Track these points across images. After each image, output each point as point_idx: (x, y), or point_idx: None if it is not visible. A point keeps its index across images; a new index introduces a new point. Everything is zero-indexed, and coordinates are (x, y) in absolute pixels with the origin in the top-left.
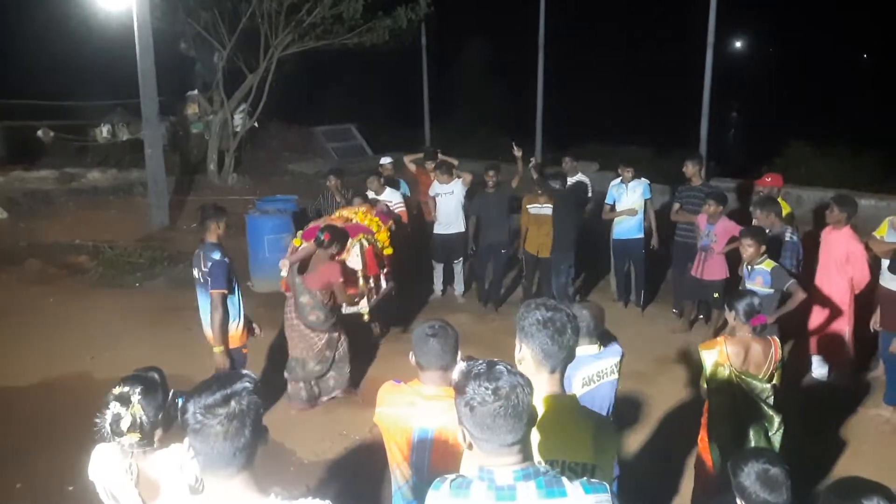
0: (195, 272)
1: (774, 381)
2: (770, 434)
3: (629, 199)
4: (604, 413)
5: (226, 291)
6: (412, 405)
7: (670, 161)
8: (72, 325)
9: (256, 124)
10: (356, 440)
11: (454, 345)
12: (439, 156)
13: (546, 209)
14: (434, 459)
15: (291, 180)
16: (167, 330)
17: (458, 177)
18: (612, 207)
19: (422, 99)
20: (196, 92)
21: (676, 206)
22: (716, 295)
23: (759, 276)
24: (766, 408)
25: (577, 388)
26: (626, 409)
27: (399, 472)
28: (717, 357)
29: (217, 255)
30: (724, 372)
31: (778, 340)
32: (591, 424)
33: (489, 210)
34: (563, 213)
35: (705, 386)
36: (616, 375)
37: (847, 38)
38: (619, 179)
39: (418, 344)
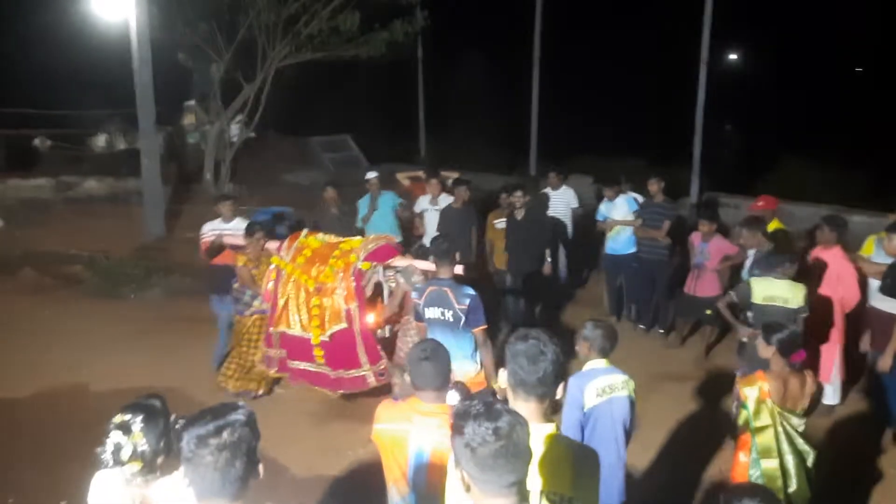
0: (435, 311)
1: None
2: (808, 469)
3: (618, 214)
4: (620, 431)
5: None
6: (409, 421)
7: (664, 174)
8: (66, 335)
9: (253, 134)
10: (350, 456)
11: (447, 366)
12: (442, 173)
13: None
14: (431, 478)
15: (287, 190)
16: (162, 341)
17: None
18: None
19: (417, 110)
20: (193, 102)
21: (639, 221)
22: (708, 312)
23: None
24: (803, 443)
25: (591, 398)
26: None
27: (395, 490)
28: (759, 394)
29: (471, 291)
30: (766, 408)
31: (812, 374)
32: (571, 454)
33: (452, 225)
34: (523, 231)
35: (740, 422)
36: (628, 392)
37: (840, 51)
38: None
39: (412, 366)
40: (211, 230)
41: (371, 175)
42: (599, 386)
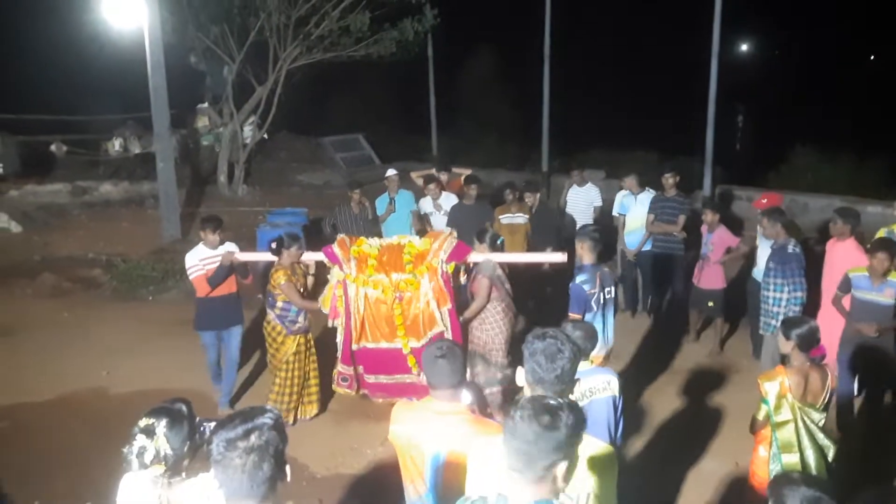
0: (605, 293)
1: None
2: (828, 464)
3: (639, 210)
4: (603, 432)
5: None
6: (425, 422)
7: (677, 167)
8: (86, 339)
9: (266, 136)
10: (368, 454)
11: (462, 364)
12: (453, 170)
13: (518, 218)
14: (448, 478)
15: (300, 191)
16: (181, 343)
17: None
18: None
19: (428, 108)
20: (206, 105)
21: (651, 217)
22: (710, 304)
23: (890, 289)
24: (823, 437)
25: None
26: (633, 419)
27: (412, 488)
28: (779, 389)
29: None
30: (787, 403)
31: (832, 369)
32: (585, 452)
33: (467, 221)
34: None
35: (760, 417)
36: (611, 392)
37: (854, 40)
38: (626, 191)
39: (428, 365)
40: (201, 262)
41: (391, 173)
42: (580, 391)
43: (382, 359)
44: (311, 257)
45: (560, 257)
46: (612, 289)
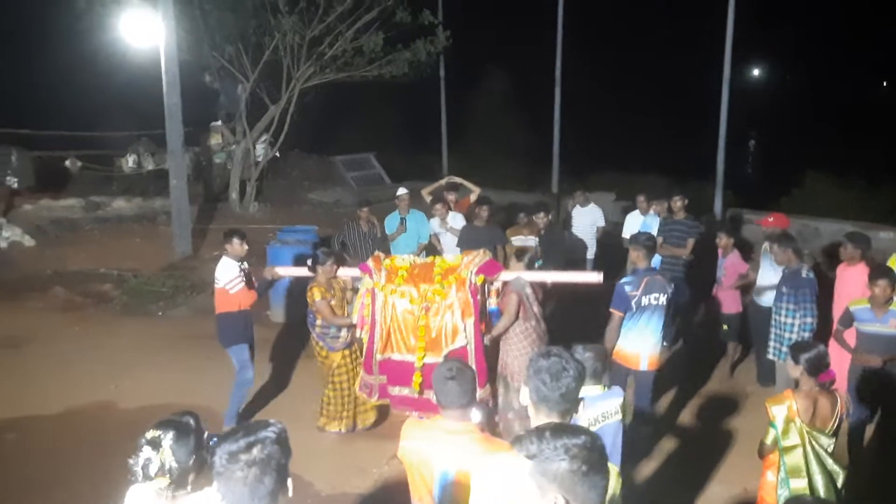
0: (652, 298)
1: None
2: (838, 490)
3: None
4: (612, 456)
5: None
6: (434, 441)
7: (688, 190)
8: (96, 353)
9: (278, 154)
10: (374, 473)
11: (472, 385)
12: (459, 181)
13: (530, 241)
14: (456, 497)
15: (311, 209)
16: (189, 358)
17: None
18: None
19: (440, 128)
20: (219, 122)
21: (660, 239)
22: (725, 327)
23: (894, 319)
24: (832, 463)
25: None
26: (641, 443)
27: None
28: (787, 413)
29: None
30: (795, 428)
31: (843, 394)
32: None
33: (477, 243)
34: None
35: (768, 441)
36: (620, 416)
37: (865, 66)
38: (636, 211)
39: (438, 385)
40: (238, 275)
41: (402, 192)
42: (592, 416)
43: (400, 370)
44: (346, 273)
45: (596, 277)
46: (661, 296)
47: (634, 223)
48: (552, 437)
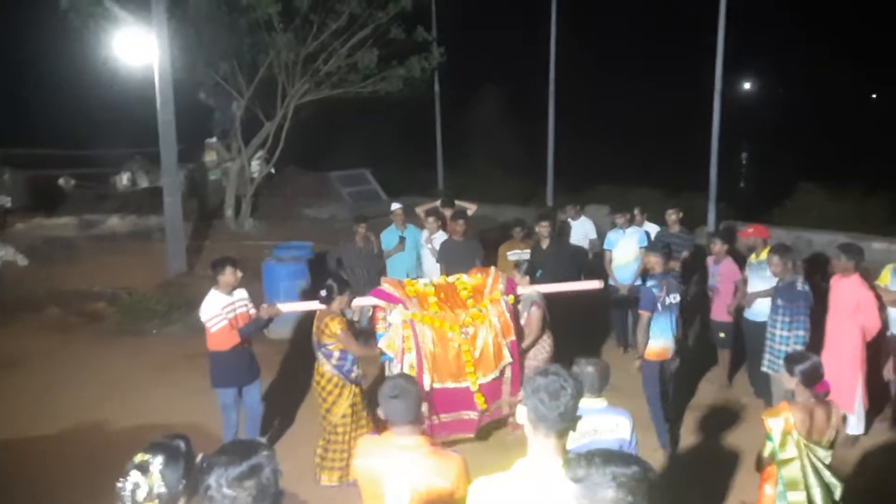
0: (674, 297)
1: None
2: (835, 502)
3: (626, 244)
4: None
5: None
6: (388, 457)
7: (682, 203)
8: (89, 373)
9: (273, 170)
10: None
11: (417, 401)
12: (456, 203)
13: (526, 255)
14: None
15: (307, 225)
16: (183, 377)
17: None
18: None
19: (435, 143)
20: (214, 139)
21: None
22: (721, 335)
23: None
24: (830, 475)
25: (573, 437)
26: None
27: None
28: (784, 425)
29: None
30: (792, 440)
31: (837, 405)
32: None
33: (454, 258)
34: (550, 261)
35: (766, 454)
36: (619, 436)
37: (856, 78)
38: (616, 227)
39: (384, 404)
40: (223, 311)
41: (395, 206)
42: (584, 428)
43: (449, 399)
44: (360, 303)
45: (596, 285)
46: (678, 295)
47: (612, 237)
48: (602, 464)
